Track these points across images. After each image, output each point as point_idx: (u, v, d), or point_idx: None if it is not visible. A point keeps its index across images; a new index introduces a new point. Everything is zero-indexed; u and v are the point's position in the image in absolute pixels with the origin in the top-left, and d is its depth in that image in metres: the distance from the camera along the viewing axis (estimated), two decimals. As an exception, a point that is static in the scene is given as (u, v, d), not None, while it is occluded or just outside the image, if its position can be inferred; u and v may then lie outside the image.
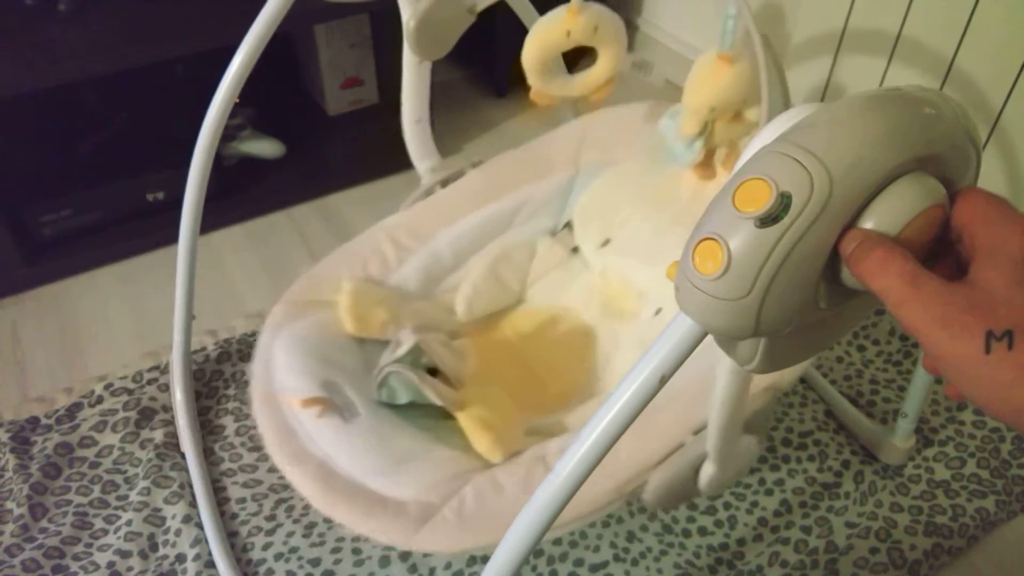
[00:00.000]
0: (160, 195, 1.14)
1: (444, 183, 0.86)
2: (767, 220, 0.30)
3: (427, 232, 0.82)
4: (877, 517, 0.82)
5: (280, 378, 0.69)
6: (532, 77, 0.72)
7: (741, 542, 0.80)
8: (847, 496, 0.84)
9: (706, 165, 0.73)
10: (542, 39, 0.71)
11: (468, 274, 0.82)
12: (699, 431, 0.60)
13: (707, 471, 0.60)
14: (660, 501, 0.61)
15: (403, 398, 0.68)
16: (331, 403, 0.66)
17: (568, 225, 0.86)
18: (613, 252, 0.83)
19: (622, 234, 0.82)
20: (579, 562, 0.77)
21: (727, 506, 0.82)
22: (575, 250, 0.86)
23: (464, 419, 0.67)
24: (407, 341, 0.71)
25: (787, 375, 0.64)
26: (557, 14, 0.70)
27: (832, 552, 0.79)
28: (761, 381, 0.59)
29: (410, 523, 0.59)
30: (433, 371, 0.73)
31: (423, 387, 0.68)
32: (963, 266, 0.31)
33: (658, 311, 0.77)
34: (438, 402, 0.68)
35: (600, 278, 0.83)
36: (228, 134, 1.21)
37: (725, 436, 0.55)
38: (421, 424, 0.68)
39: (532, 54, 0.72)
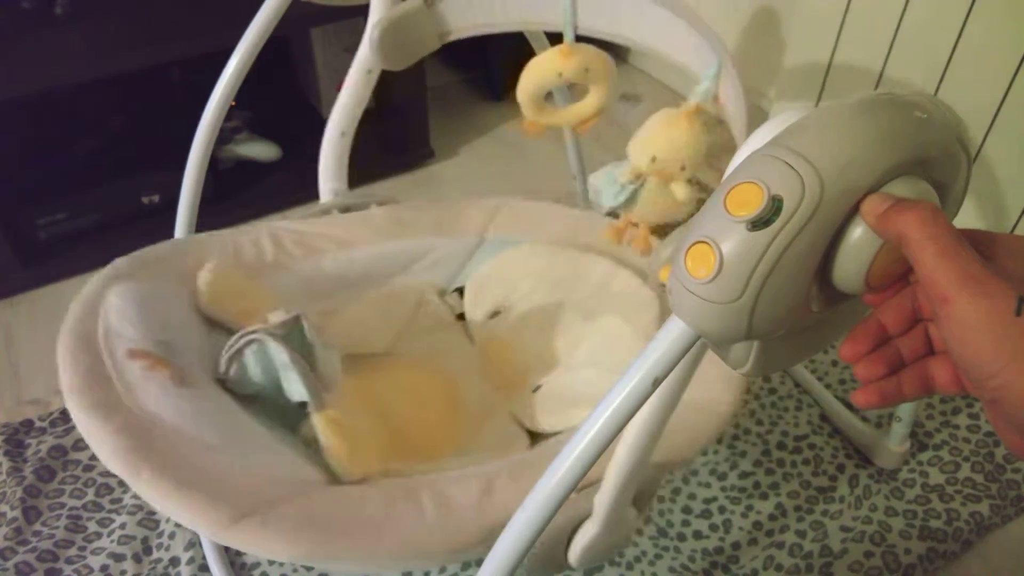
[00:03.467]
0: (155, 198, 1.14)
1: (343, 210, 0.82)
2: (758, 223, 0.30)
3: (316, 247, 0.75)
4: (872, 521, 0.82)
5: (109, 320, 0.57)
6: (525, 109, 0.74)
7: (736, 546, 0.80)
8: (842, 500, 0.84)
9: (620, 230, 0.70)
10: (535, 78, 0.72)
11: (347, 303, 0.76)
12: (583, 488, 0.52)
13: (588, 532, 0.53)
14: (528, 564, 0.52)
15: (255, 379, 0.58)
16: (165, 364, 0.54)
17: (459, 291, 0.82)
18: (502, 324, 0.79)
19: (515, 308, 0.79)
20: (574, 566, 0.77)
21: (722, 510, 0.82)
22: (460, 317, 0.81)
23: (323, 421, 0.56)
24: (284, 313, 0.60)
25: (683, 452, 0.59)
26: (550, 55, 0.71)
27: (827, 556, 0.79)
28: (657, 456, 0.50)
29: (231, 510, 0.48)
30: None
31: (292, 367, 0.56)
32: None
33: (538, 387, 0.72)
34: (302, 390, 0.56)
35: (482, 349, 0.79)
36: (224, 137, 1.21)
37: (621, 496, 0.49)
38: (263, 422, 0.58)
39: (525, 91, 0.73)
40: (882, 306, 0.35)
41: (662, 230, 0.70)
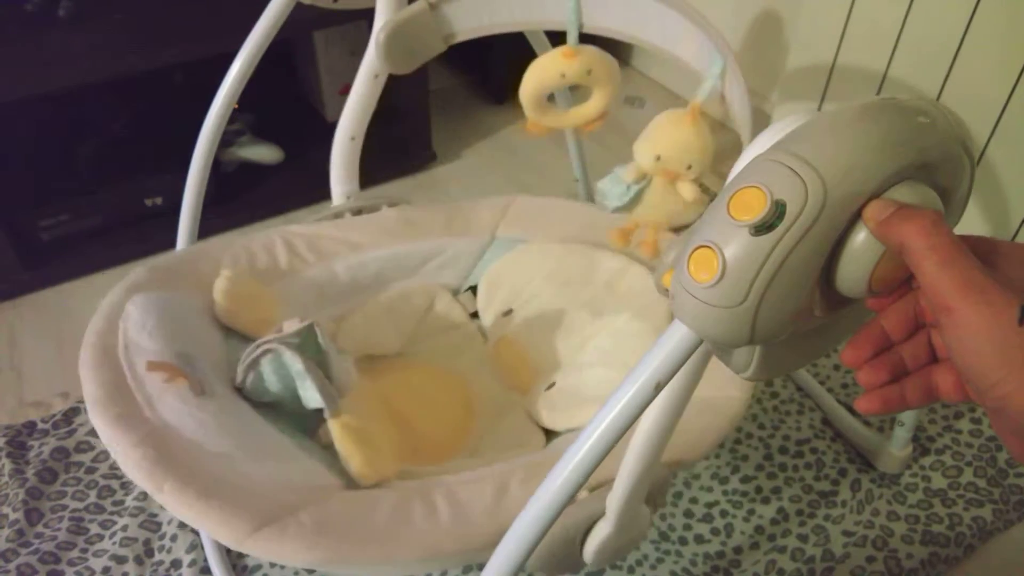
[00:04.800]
0: (158, 200, 1.14)
1: (355, 212, 0.82)
2: (762, 228, 0.30)
3: (328, 251, 0.76)
4: (874, 526, 0.82)
5: (128, 332, 0.58)
6: (528, 111, 0.73)
7: (738, 550, 0.80)
8: (844, 504, 0.84)
9: (627, 231, 0.70)
10: (538, 79, 0.72)
11: (360, 306, 0.76)
12: (595, 488, 0.53)
13: (601, 532, 0.53)
14: (538, 563, 0.53)
15: (272, 388, 0.59)
16: (184, 376, 0.56)
17: (471, 290, 0.82)
18: (514, 323, 0.79)
19: (527, 307, 0.79)
20: (575, 569, 0.77)
21: (724, 514, 0.82)
22: (473, 316, 0.81)
23: (338, 428, 0.57)
24: (297, 323, 0.60)
25: (696, 453, 0.59)
26: (553, 56, 0.71)
27: (829, 560, 0.79)
28: (668, 454, 0.50)
29: (252, 519, 0.49)
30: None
31: (308, 376, 0.57)
32: None
33: (551, 385, 0.72)
34: (317, 397, 0.57)
35: (494, 348, 0.79)
36: (227, 140, 1.21)
37: (633, 496, 0.50)
38: (281, 429, 0.59)
39: (528, 92, 0.73)
40: (884, 311, 0.35)
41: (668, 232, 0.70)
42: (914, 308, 0.34)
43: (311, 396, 0.58)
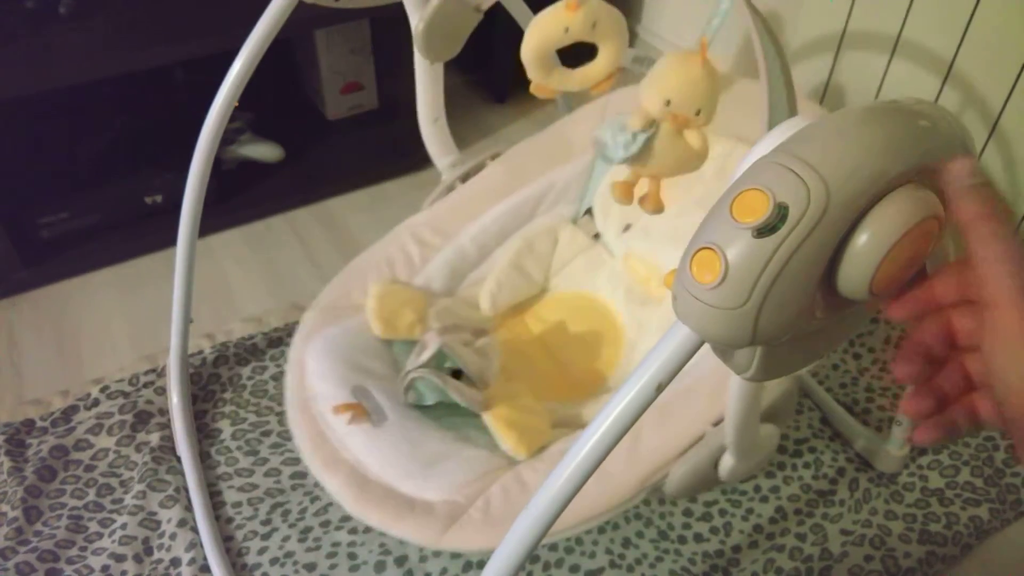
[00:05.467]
0: (159, 198, 1.14)
1: (464, 178, 0.87)
2: (764, 230, 0.30)
3: (451, 228, 0.84)
4: (872, 525, 0.82)
5: (312, 384, 0.71)
6: (532, 71, 0.70)
7: (736, 549, 0.80)
8: (842, 503, 0.84)
9: (629, 185, 0.68)
10: (540, 35, 0.68)
11: (492, 268, 0.84)
12: (718, 423, 0.61)
13: (727, 462, 0.61)
14: (681, 492, 0.63)
15: (430, 400, 0.71)
16: (361, 408, 0.69)
17: (589, 211, 0.87)
18: (635, 237, 0.83)
19: (642, 219, 0.83)
20: (575, 568, 0.77)
21: (722, 513, 0.83)
22: (597, 236, 0.86)
23: (489, 419, 0.69)
24: (432, 345, 0.73)
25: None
26: (555, 9, 0.68)
27: (827, 559, 0.79)
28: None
29: (438, 523, 0.61)
30: (457, 373, 0.74)
31: (448, 390, 0.70)
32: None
33: None
34: (463, 403, 0.70)
35: (623, 264, 0.83)
36: (228, 138, 1.21)
37: (742, 428, 0.56)
38: (448, 423, 0.71)
39: (531, 49, 0.69)
40: (920, 327, 0.34)
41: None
42: (947, 328, 0.34)
43: (459, 401, 0.70)
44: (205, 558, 0.77)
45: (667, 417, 0.65)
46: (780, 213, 0.30)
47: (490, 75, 1.47)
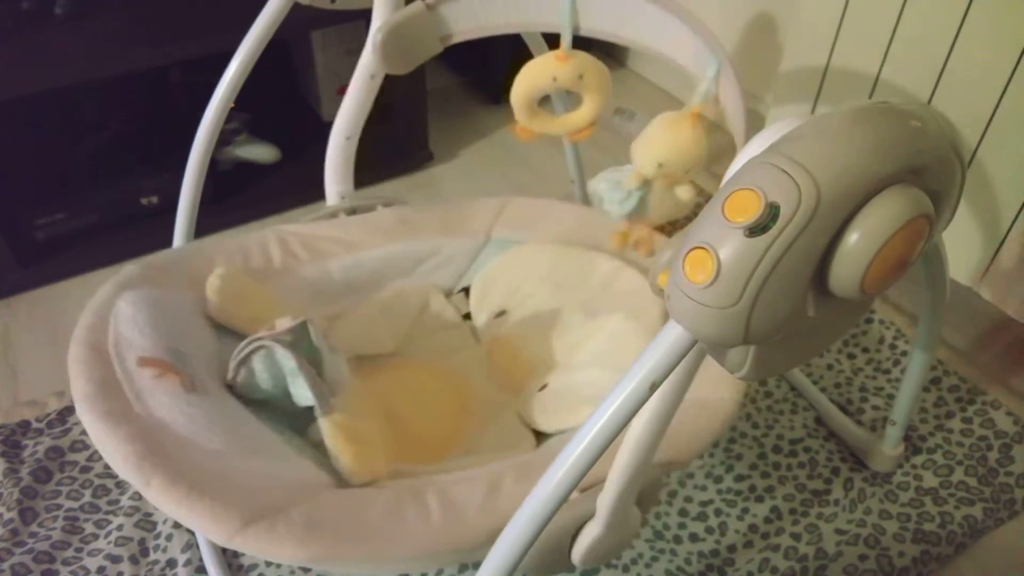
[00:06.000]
0: (155, 199, 1.14)
1: (350, 212, 0.82)
2: (756, 230, 0.31)
3: (323, 251, 0.76)
4: (866, 524, 0.82)
5: (121, 330, 0.58)
6: (518, 114, 0.74)
7: (732, 548, 0.80)
8: (837, 503, 0.84)
9: (624, 236, 0.71)
10: (529, 81, 0.72)
11: (355, 306, 0.77)
12: (586, 488, 0.53)
13: (591, 532, 0.53)
14: (532, 564, 0.54)
15: (263, 385, 0.59)
16: (175, 371, 0.55)
17: (464, 291, 0.82)
18: (507, 324, 0.79)
19: (521, 308, 0.79)
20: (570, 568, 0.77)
21: (718, 512, 0.83)
22: (466, 317, 0.82)
23: (329, 426, 0.57)
24: (291, 321, 0.60)
25: (688, 454, 0.59)
26: (546, 59, 0.72)
27: (822, 559, 0.79)
28: (660, 455, 0.50)
29: (241, 516, 0.48)
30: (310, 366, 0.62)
31: (301, 373, 0.57)
32: None
33: (543, 387, 0.72)
34: (309, 395, 0.57)
35: (488, 348, 0.79)
36: (223, 139, 1.21)
37: (624, 497, 0.50)
38: (272, 427, 0.59)
39: (519, 94, 0.73)
40: None
41: (663, 230, 0.71)
42: None
43: (303, 394, 0.57)
44: (201, 559, 0.77)
45: (530, 473, 0.56)
46: (771, 212, 0.30)
47: (486, 77, 1.47)
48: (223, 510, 0.48)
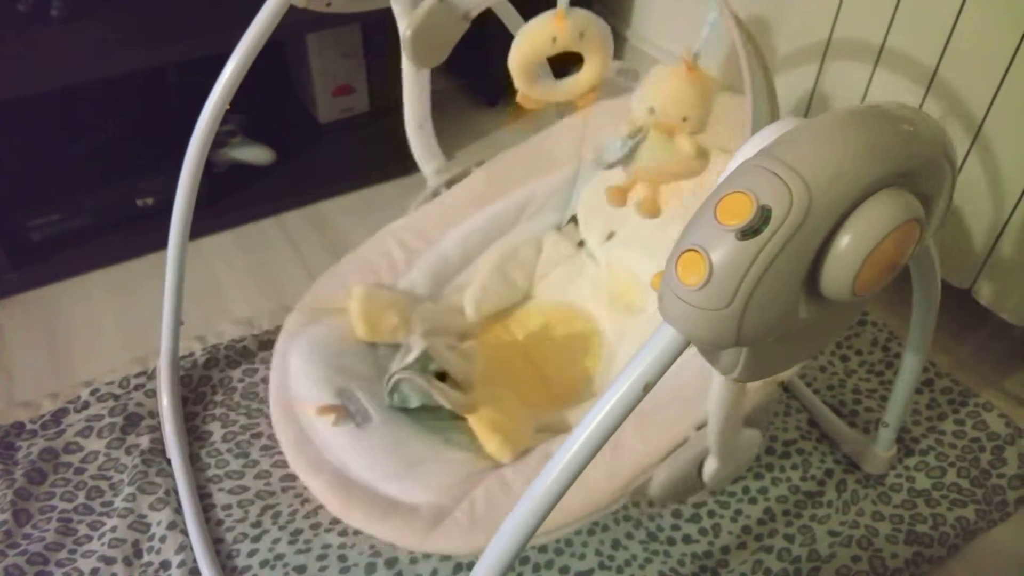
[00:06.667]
0: (150, 201, 1.14)
1: (449, 184, 0.87)
2: (748, 232, 0.31)
3: (434, 234, 0.84)
4: (859, 526, 0.83)
5: (295, 386, 0.71)
6: (519, 81, 0.72)
7: (725, 550, 0.80)
8: (830, 505, 0.85)
9: (622, 190, 0.72)
10: (528, 44, 0.71)
11: (476, 274, 0.84)
12: (702, 427, 0.61)
13: (710, 466, 0.62)
14: (665, 495, 0.64)
15: (414, 402, 0.71)
16: (345, 410, 0.69)
17: (573, 219, 0.87)
18: (617, 245, 0.83)
19: (625, 227, 0.83)
20: (565, 569, 0.78)
21: (711, 514, 0.83)
22: (581, 244, 0.87)
23: (474, 421, 0.70)
24: (416, 347, 0.73)
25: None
26: (543, 19, 0.70)
27: (815, 560, 0.80)
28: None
29: (423, 526, 0.61)
30: (442, 375, 0.74)
31: (433, 392, 0.70)
32: None
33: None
34: (448, 406, 0.70)
35: (606, 272, 0.84)
36: (219, 140, 1.21)
37: (724, 432, 0.57)
38: (432, 426, 0.71)
39: (518, 58, 0.71)
40: None
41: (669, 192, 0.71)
42: None
43: (443, 404, 0.71)
44: (195, 560, 0.77)
45: (650, 422, 0.65)
46: (763, 215, 0.31)
47: (483, 79, 1.47)
48: (408, 527, 0.61)
